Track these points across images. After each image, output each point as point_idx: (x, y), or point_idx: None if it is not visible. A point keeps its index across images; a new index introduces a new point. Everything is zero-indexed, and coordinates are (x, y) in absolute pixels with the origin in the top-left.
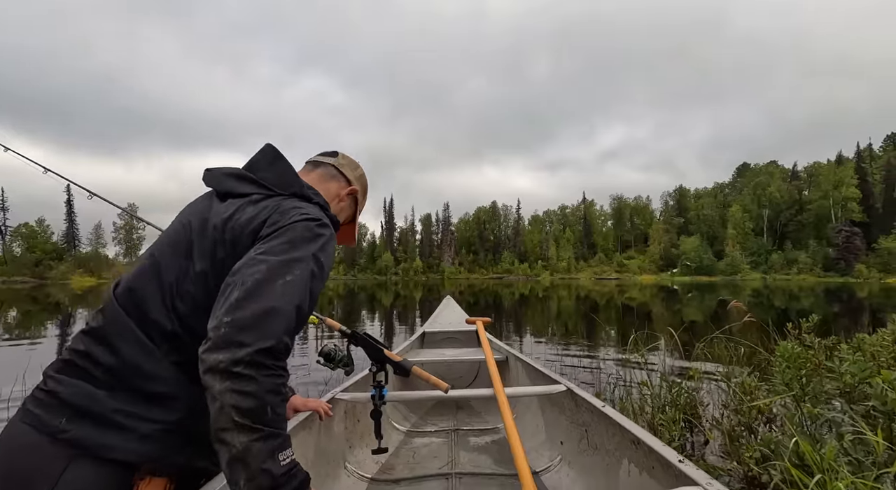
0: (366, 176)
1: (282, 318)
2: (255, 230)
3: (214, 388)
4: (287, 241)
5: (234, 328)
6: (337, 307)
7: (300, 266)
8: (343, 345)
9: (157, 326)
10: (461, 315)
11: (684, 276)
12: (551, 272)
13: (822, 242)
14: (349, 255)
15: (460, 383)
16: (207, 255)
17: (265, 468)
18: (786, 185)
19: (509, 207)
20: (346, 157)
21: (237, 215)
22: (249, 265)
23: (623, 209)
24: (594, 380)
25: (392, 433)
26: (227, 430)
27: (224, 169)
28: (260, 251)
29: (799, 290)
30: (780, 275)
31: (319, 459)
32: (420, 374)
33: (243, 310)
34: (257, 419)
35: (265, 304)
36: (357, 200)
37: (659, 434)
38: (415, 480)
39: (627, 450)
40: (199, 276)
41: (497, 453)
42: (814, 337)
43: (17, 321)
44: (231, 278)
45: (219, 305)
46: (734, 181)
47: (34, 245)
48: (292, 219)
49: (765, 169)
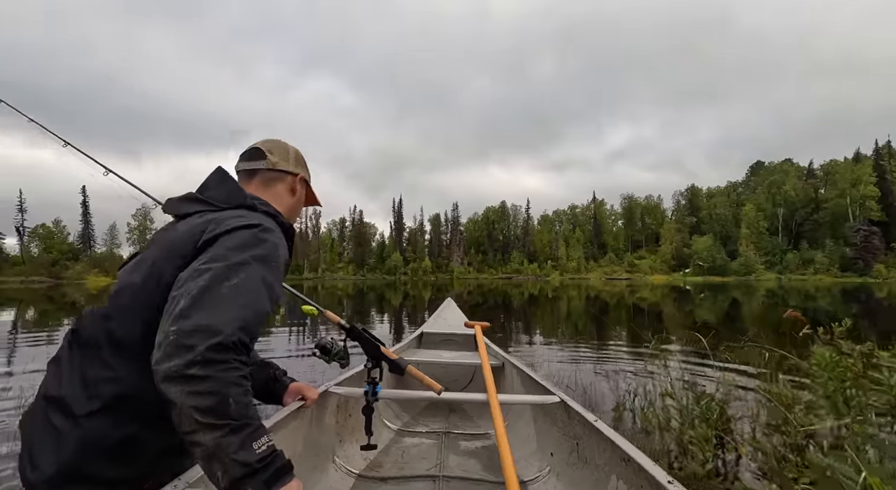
0: (296, 149)
1: (231, 316)
2: (195, 240)
3: (172, 395)
4: (229, 247)
5: (181, 335)
6: (346, 306)
7: (245, 269)
8: (340, 338)
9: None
10: (461, 318)
11: (696, 277)
12: (561, 272)
13: (839, 242)
14: (358, 256)
15: (454, 386)
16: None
17: (238, 459)
18: (801, 183)
19: (518, 207)
20: (270, 147)
21: (181, 229)
22: (193, 276)
23: (634, 208)
24: (611, 387)
25: (383, 431)
26: (195, 432)
27: (180, 196)
28: (203, 261)
29: (815, 290)
30: (795, 275)
31: (308, 451)
32: (415, 374)
33: (189, 319)
34: (221, 415)
35: (211, 309)
36: (306, 179)
37: (690, 453)
38: (402, 480)
39: (617, 466)
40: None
41: (486, 459)
42: (850, 343)
43: (34, 320)
44: (176, 291)
45: (165, 318)
46: (748, 180)
47: (51, 245)
48: (231, 225)
49: (779, 167)
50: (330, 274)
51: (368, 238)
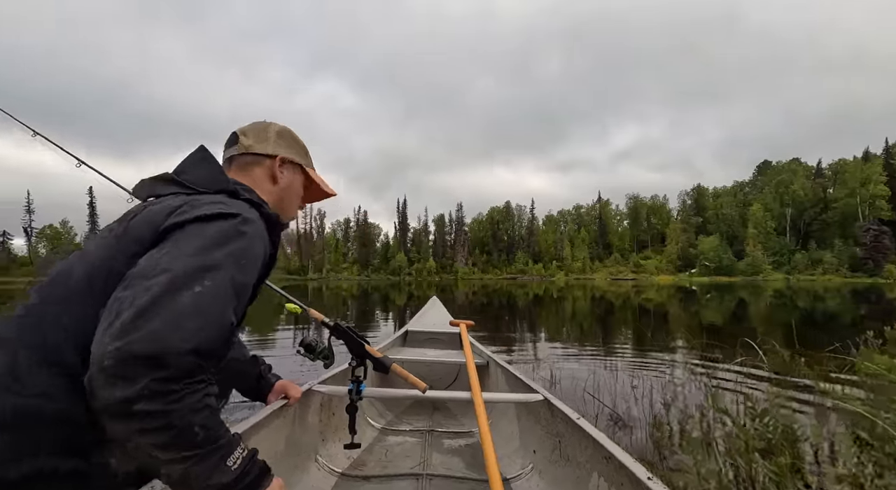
0: (285, 127)
1: (187, 336)
2: (157, 224)
3: (118, 433)
4: (199, 241)
5: (122, 358)
6: (351, 307)
7: (215, 273)
8: (325, 336)
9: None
10: (446, 316)
11: (703, 277)
12: (566, 272)
13: (848, 242)
14: (363, 256)
15: (439, 385)
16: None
17: (213, 483)
18: (809, 182)
19: (523, 207)
20: (246, 129)
21: (145, 210)
22: (147, 275)
23: (639, 208)
24: (636, 395)
25: (366, 429)
26: (157, 464)
27: (153, 176)
28: (163, 251)
29: (824, 290)
30: (804, 275)
31: (290, 450)
32: (399, 373)
33: (132, 334)
34: (187, 446)
35: (164, 325)
36: (295, 162)
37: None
38: (385, 479)
39: (599, 463)
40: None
41: (470, 457)
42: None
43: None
44: (122, 292)
45: (104, 327)
46: (755, 179)
47: (58, 246)
48: (206, 212)
49: (787, 166)
50: (334, 274)
51: (373, 238)
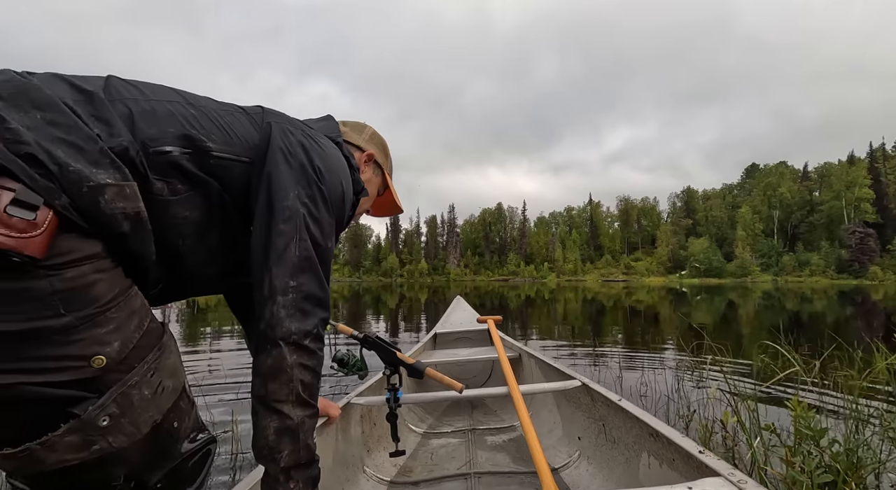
0: (379, 134)
1: (327, 293)
2: (285, 147)
3: (285, 360)
4: (328, 195)
5: (302, 296)
6: (342, 309)
7: (331, 236)
8: (356, 350)
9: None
10: (472, 314)
11: (693, 279)
12: (557, 274)
13: (834, 244)
14: (354, 258)
15: (474, 383)
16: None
17: (310, 443)
18: (796, 185)
19: (515, 209)
20: (347, 121)
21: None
22: (292, 218)
23: (630, 210)
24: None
25: (409, 435)
26: (286, 403)
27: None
28: (302, 200)
29: (811, 292)
30: (791, 277)
31: (338, 464)
32: (434, 376)
33: (302, 276)
34: (313, 395)
35: (316, 277)
36: (380, 163)
37: None
38: (434, 482)
39: (647, 442)
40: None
41: (515, 451)
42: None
43: None
44: (284, 225)
45: (276, 255)
46: (743, 182)
47: None
48: (334, 164)
49: (775, 169)
50: None
51: (364, 240)
